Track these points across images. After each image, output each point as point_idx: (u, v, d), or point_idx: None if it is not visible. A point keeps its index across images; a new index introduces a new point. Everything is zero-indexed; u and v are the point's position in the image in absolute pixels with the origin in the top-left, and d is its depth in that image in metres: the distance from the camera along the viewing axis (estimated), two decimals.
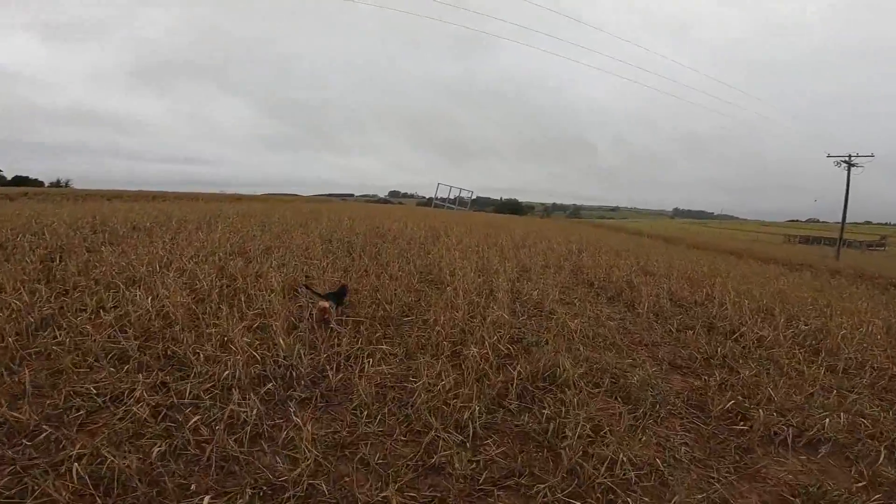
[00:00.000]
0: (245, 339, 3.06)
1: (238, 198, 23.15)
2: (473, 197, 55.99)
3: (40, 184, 56.23)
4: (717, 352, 4.05)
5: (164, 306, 3.53)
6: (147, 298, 3.62)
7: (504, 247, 9.32)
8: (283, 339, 3.14)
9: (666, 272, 8.25)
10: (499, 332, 3.74)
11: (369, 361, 3.04)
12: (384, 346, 3.33)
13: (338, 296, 3.85)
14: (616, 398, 3.01)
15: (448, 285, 5.18)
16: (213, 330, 3.20)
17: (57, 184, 57.99)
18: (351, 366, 3.04)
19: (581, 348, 3.74)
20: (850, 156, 26.25)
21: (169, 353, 2.94)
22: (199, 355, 2.86)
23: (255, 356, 2.90)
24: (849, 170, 26.36)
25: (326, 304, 3.54)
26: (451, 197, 52.15)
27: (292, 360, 2.95)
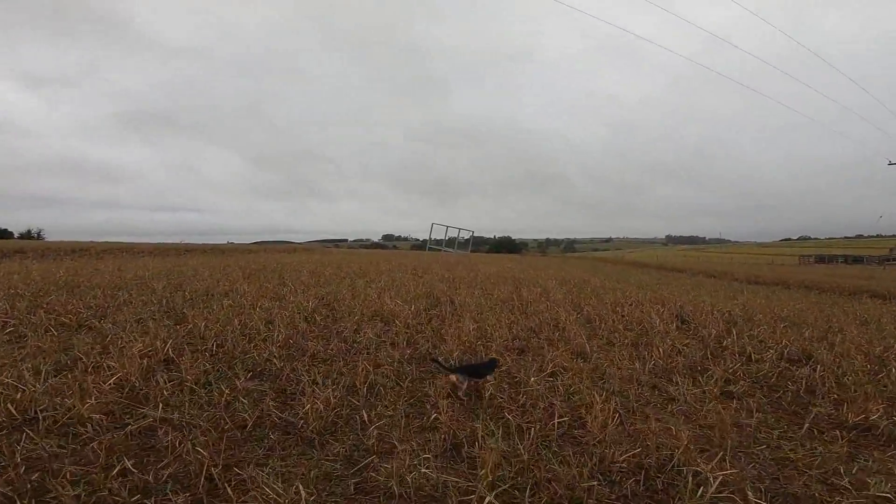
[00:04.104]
0: None
1: (188, 249, 18.92)
2: (469, 237, 52.11)
3: (9, 235, 52.26)
4: None
5: None
6: None
7: (564, 326, 5.14)
8: None
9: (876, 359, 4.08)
10: None
11: None
12: None
13: (478, 369, 3.10)
14: None
15: None
16: None
17: (27, 235, 54.13)
18: None
19: None
20: None
21: None
22: None
23: None
24: None
25: (454, 378, 3.01)
26: (447, 238, 48.42)
27: None
